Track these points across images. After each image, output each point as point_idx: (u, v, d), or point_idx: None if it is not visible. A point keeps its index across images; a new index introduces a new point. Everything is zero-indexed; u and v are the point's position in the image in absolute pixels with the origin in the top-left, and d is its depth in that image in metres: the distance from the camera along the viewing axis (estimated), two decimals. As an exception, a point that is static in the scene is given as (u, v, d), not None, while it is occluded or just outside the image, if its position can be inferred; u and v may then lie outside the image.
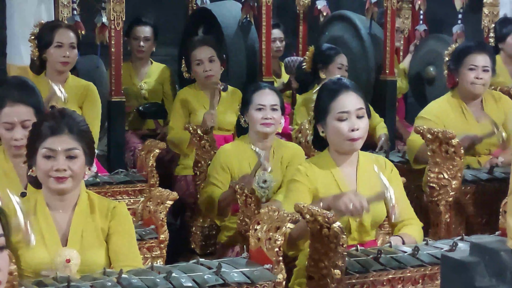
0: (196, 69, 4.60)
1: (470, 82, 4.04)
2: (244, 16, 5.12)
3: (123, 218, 2.62)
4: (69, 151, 2.53)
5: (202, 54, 4.59)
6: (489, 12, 5.33)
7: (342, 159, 3.02)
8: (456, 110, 4.09)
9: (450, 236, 3.52)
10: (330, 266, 2.60)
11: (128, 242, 2.61)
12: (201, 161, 4.10)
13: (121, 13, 4.50)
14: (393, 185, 3.02)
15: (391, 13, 5.30)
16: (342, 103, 2.95)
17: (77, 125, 2.57)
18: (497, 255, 1.74)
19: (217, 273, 2.41)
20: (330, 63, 4.92)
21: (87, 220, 2.59)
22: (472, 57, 4.04)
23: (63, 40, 4.15)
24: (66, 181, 2.53)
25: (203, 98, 4.63)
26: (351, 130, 2.93)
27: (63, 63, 4.16)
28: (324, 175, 3.00)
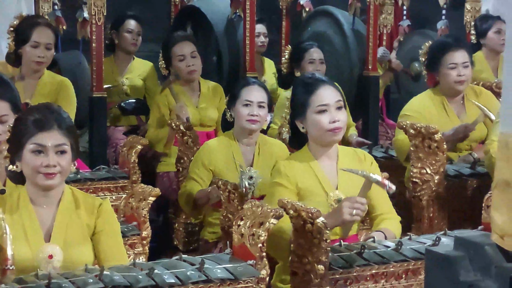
0: (178, 64, 4.56)
1: (453, 81, 4.03)
2: (234, 12, 5.10)
3: (110, 216, 2.62)
4: (59, 146, 2.52)
5: (184, 50, 4.56)
6: (471, 8, 5.35)
7: (322, 153, 3.04)
8: (438, 106, 4.10)
9: (433, 231, 3.53)
10: (313, 262, 2.60)
11: (116, 241, 2.61)
12: (183, 158, 4.07)
13: (102, 8, 4.46)
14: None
15: (373, 9, 5.30)
16: (321, 96, 2.98)
17: (64, 121, 2.56)
18: (482, 249, 1.73)
19: (200, 269, 2.39)
20: (301, 60, 4.84)
21: (72, 216, 2.57)
22: (450, 55, 4.01)
23: (40, 40, 4.10)
24: (55, 177, 2.52)
25: (184, 94, 4.60)
26: (332, 121, 2.96)
27: (37, 62, 4.12)
28: (304, 169, 3.01)
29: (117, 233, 2.64)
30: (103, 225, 2.59)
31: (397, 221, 3.09)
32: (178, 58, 4.56)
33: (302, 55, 4.84)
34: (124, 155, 3.82)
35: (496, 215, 1.77)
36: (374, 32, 5.34)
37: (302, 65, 4.83)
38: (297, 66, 4.86)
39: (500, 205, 1.77)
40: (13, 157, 2.56)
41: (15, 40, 4.16)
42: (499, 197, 1.77)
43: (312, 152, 3.05)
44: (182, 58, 4.55)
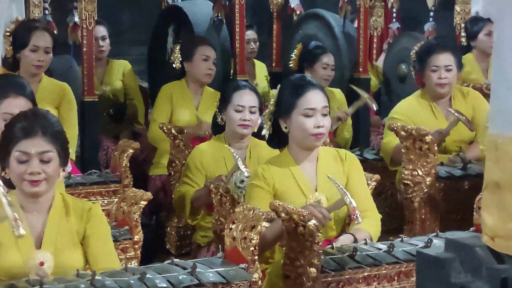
0: (200, 64, 4.60)
1: (434, 83, 4.06)
2: (215, 15, 5.10)
3: (99, 220, 2.60)
4: (43, 154, 2.49)
5: (211, 53, 4.64)
6: (461, 10, 5.37)
7: (302, 156, 3.04)
8: (425, 108, 4.11)
9: (425, 232, 3.53)
10: (305, 265, 2.60)
11: (106, 244, 2.60)
12: (175, 161, 4.07)
13: (93, 12, 4.46)
14: (353, 175, 3.04)
15: (364, 11, 5.31)
16: (309, 99, 2.99)
17: (51, 126, 2.53)
18: (472, 251, 1.74)
19: (192, 273, 2.39)
20: (316, 62, 4.99)
21: (62, 222, 2.56)
22: (434, 58, 4.05)
23: (39, 44, 4.11)
24: (41, 184, 2.50)
25: (188, 95, 4.63)
26: (316, 126, 2.97)
27: (36, 66, 4.13)
28: (283, 174, 3.02)
29: (107, 237, 2.62)
30: (92, 229, 2.57)
31: (376, 219, 3.06)
32: (203, 57, 4.60)
33: (316, 59, 4.98)
34: (116, 159, 3.81)
35: (486, 216, 1.78)
36: (365, 35, 5.35)
37: (315, 68, 4.98)
38: (309, 67, 4.98)
39: (490, 206, 1.77)
40: (3, 163, 2.55)
41: (12, 45, 4.16)
42: (489, 198, 1.78)
43: (292, 154, 3.05)
44: (206, 59, 4.61)
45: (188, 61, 4.63)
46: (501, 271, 1.69)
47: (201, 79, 4.64)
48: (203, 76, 4.63)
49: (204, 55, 4.61)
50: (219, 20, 5.12)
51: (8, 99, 3.15)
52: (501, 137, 1.73)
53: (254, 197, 2.99)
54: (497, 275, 1.67)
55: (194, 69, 4.62)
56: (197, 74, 4.63)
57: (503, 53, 1.72)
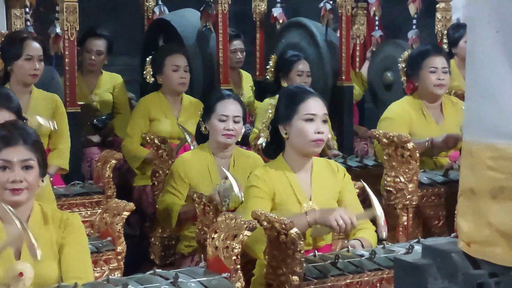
0: (171, 74, 4.59)
1: (432, 84, 4.10)
2: (203, 24, 5.12)
3: (75, 229, 2.59)
4: (25, 162, 2.51)
5: (180, 62, 4.62)
6: (442, 17, 5.41)
7: (298, 164, 3.05)
8: (417, 111, 4.15)
9: (407, 239, 3.56)
10: (288, 273, 2.61)
11: (79, 253, 2.58)
12: (159, 171, 4.07)
13: (74, 23, 4.46)
14: (347, 189, 3.07)
15: (345, 20, 5.34)
16: (311, 105, 3.02)
17: (30, 136, 2.55)
18: (449, 257, 1.75)
19: (174, 283, 2.39)
20: (291, 71, 4.99)
21: (41, 233, 2.55)
22: (431, 60, 4.10)
23: (33, 53, 4.13)
24: (22, 192, 2.50)
25: (166, 106, 4.62)
26: (316, 132, 2.98)
27: (32, 75, 4.14)
28: (280, 179, 3.03)
29: (82, 247, 2.60)
30: (67, 238, 2.56)
31: (372, 231, 3.11)
32: (172, 68, 4.59)
33: (291, 67, 4.99)
34: (99, 170, 3.81)
35: (462, 222, 1.79)
36: (347, 43, 5.38)
37: (290, 76, 4.99)
38: (284, 77, 5.00)
39: (465, 212, 1.79)
40: None
41: (3, 58, 4.15)
42: (465, 204, 1.79)
43: (288, 161, 3.06)
44: (176, 69, 4.59)
45: (160, 74, 4.63)
46: (477, 276, 1.70)
47: (175, 89, 4.62)
48: (177, 86, 4.61)
49: (174, 65, 4.59)
50: (208, 29, 5.13)
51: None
52: (475, 144, 1.75)
53: (252, 197, 2.98)
54: (473, 281, 1.69)
55: (166, 80, 4.61)
56: (171, 85, 4.61)
57: (476, 61, 1.75)
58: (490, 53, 1.68)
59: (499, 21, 1.66)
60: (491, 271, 1.71)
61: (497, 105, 1.68)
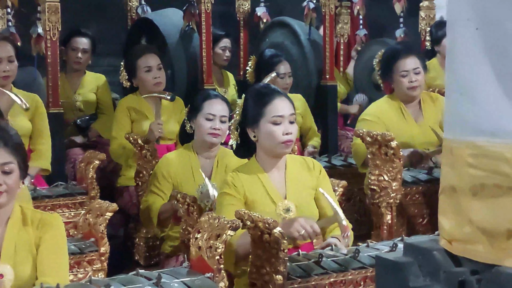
0: (144, 76, 4.55)
1: (406, 87, 4.12)
2: (186, 24, 5.10)
3: (52, 228, 2.55)
4: (5, 165, 2.47)
5: (152, 62, 4.56)
6: (426, 16, 5.42)
7: (270, 164, 3.05)
8: (395, 111, 4.16)
9: (392, 237, 3.56)
10: (272, 272, 2.60)
11: (54, 253, 2.53)
12: (142, 171, 4.05)
13: (56, 23, 4.43)
14: (323, 186, 3.06)
15: (329, 19, 5.34)
16: (277, 107, 3.00)
17: (11, 139, 2.51)
18: (430, 254, 1.75)
19: (157, 284, 2.38)
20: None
21: (20, 234, 2.53)
22: (401, 63, 4.10)
23: (1, 54, 4.09)
24: (1, 196, 2.48)
25: (146, 106, 4.59)
26: (285, 133, 2.98)
27: (3, 77, 4.11)
28: (252, 181, 3.02)
29: (59, 247, 2.55)
30: (43, 237, 2.53)
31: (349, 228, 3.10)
32: (144, 69, 4.54)
33: (272, 69, 4.93)
34: (82, 171, 3.79)
35: (443, 220, 1.79)
36: (331, 42, 5.38)
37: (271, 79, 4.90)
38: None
39: (446, 210, 1.79)
40: None
41: None
42: (446, 202, 1.80)
43: (260, 162, 3.06)
44: (148, 69, 4.55)
45: (134, 77, 4.59)
46: (459, 274, 1.71)
47: (151, 89, 4.56)
48: (153, 87, 4.54)
49: (146, 67, 4.54)
50: (191, 29, 5.12)
51: None
52: (455, 141, 1.75)
53: (225, 205, 2.98)
54: (454, 278, 1.69)
55: (142, 82, 4.56)
56: (147, 87, 4.56)
57: (455, 59, 1.75)
58: (469, 51, 1.68)
59: (478, 18, 1.66)
60: (473, 269, 1.71)
61: (476, 102, 1.69)
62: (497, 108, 1.65)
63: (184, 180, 3.66)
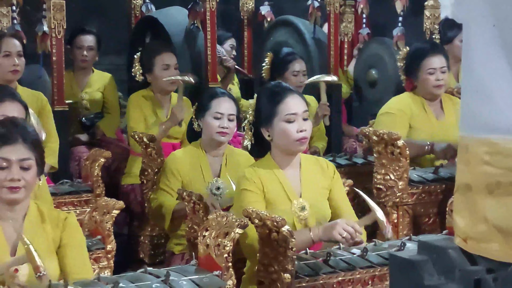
0: (161, 73, 4.54)
1: (432, 85, 4.12)
2: (191, 22, 5.10)
3: (75, 230, 2.62)
4: (23, 161, 2.51)
5: (170, 60, 4.57)
6: (431, 15, 5.40)
7: (286, 162, 3.04)
8: (418, 107, 4.18)
9: (398, 236, 3.55)
10: (279, 271, 2.60)
11: (81, 254, 2.61)
12: (147, 169, 4.04)
13: (61, 21, 4.43)
14: (337, 187, 3.06)
15: (334, 17, 5.34)
16: (290, 105, 2.99)
17: (29, 135, 2.55)
18: (445, 253, 1.74)
19: (165, 281, 2.37)
20: (286, 70, 4.96)
21: (37, 230, 2.56)
22: (429, 61, 4.11)
23: (11, 49, 4.12)
24: (19, 191, 2.51)
25: (156, 104, 4.59)
26: (299, 131, 2.96)
27: (13, 71, 4.13)
28: (269, 177, 3.01)
29: (82, 247, 2.64)
30: (68, 239, 2.58)
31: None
32: (163, 67, 4.54)
33: (286, 66, 4.95)
34: (87, 169, 3.78)
35: (458, 218, 1.78)
36: (335, 40, 5.37)
37: (285, 76, 4.94)
38: (279, 76, 4.95)
39: (461, 208, 1.78)
40: None
41: None
42: (461, 200, 1.79)
43: (276, 160, 3.05)
44: (166, 68, 4.55)
45: (149, 73, 4.58)
46: (474, 272, 1.70)
47: (165, 88, 4.57)
48: (168, 85, 4.56)
49: (164, 64, 4.54)
50: (196, 27, 5.11)
51: (4, 103, 3.17)
52: (470, 139, 1.74)
53: (245, 201, 2.95)
54: (470, 277, 1.68)
55: (156, 79, 4.56)
56: (161, 84, 4.56)
57: (471, 56, 1.74)
58: (486, 48, 1.67)
59: (495, 15, 1.65)
60: (488, 267, 1.70)
61: (492, 99, 1.68)
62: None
63: (193, 178, 3.65)
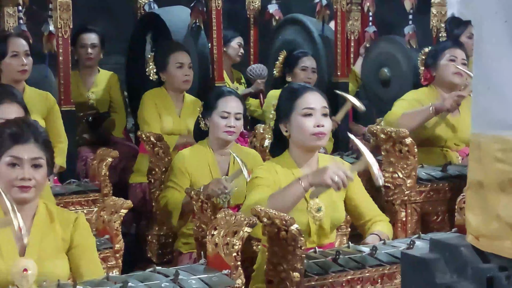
0: (175, 72, 4.55)
1: (451, 71, 4.19)
2: (193, 21, 5.09)
3: (86, 231, 2.63)
4: (35, 160, 2.52)
5: (184, 59, 4.59)
6: (437, 12, 5.39)
7: (303, 160, 3.01)
8: (432, 99, 4.20)
9: (406, 235, 3.54)
10: (288, 269, 2.59)
11: (92, 255, 2.62)
12: (155, 168, 4.03)
13: (68, 20, 4.43)
14: (356, 186, 3.04)
15: (341, 16, 5.32)
16: (307, 100, 2.98)
17: (41, 135, 2.56)
18: (457, 250, 1.73)
19: (174, 281, 2.36)
20: (296, 66, 5.02)
21: (46, 230, 2.56)
22: (452, 50, 4.23)
23: (18, 49, 4.11)
24: (30, 190, 2.51)
25: (170, 103, 4.60)
26: (316, 125, 2.94)
27: (21, 71, 4.13)
28: (286, 174, 2.98)
29: (93, 248, 2.65)
30: (79, 240, 2.59)
31: (387, 222, 3.10)
32: (177, 65, 4.56)
33: (296, 62, 5.02)
34: (95, 168, 3.78)
35: (470, 216, 1.77)
36: (342, 39, 5.37)
37: (294, 72, 5.02)
38: (289, 72, 5.04)
39: (473, 206, 1.77)
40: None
41: None
42: (473, 198, 1.77)
43: (293, 157, 3.02)
44: (180, 66, 4.56)
45: (163, 71, 4.60)
46: (487, 270, 1.68)
47: (179, 86, 4.60)
48: (181, 84, 4.59)
49: (178, 63, 4.56)
50: (197, 26, 5.10)
51: (3, 105, 3.17)
52: (483, 136, 1.73)
53: (255, 186, 2.91)
54: (482, 275, 1.67)
55: (170, 78, 4.58)
56: (175, 83, 4.59)
57: (483, 53, 1.73)
58: (498, 44, 1.66)
59: (507, 10, 1.64)
60: (501, 265, 1.69)
61: (504, 96, 1.67)
62: (525, 102, 1.63)
63: (201, 177, 3.64)
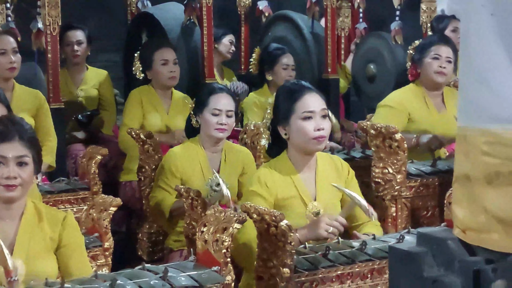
0: (160, 69, 4.54)
1: (433, 71, 4.13)
2: (187, 18, 5.09)
3: (74, 230, 2.61)
4: (20, 158, 2.49)
5: (169, 55, 4.57)
6: (427, 8, 5.40)
7: (302, 162, 2.99)
8: (418, 99, 4.18)
9: (396, 230, 3.54)
10: (278, 265, 2.58)
11: (81, 254, 2.61)
12: (145, 166, 4.02)
13: (56, 17, 4.41)
14: (351, 187, 3.03)
15: (331, 12, 5.32)
16: (307, 103, 2.94)
17: (26, 132, 2.54)
18: (444, 244, 1.73)
19: (163, 278, 2.36)
20: (276, 64, 5.00)
21: (35, 230, 2.54)
22: (436, 48, 4.15)
23: (6, 46, 4.10)
24: (16, 189, 2.49)
25: (157, 100, 4.58)
26: (316, 129, 2.91)
27: (10, 69, 4.12)
28: (284, 180, 2.97)
29: (82, 247, 2.64)
30: (68, 239, 2.57)
31: (378, 225, 3.10)
32: (161, 62, 4.55)
33: (276, 60, 5.00)
34: (84, 166, 3.76)
35: (457, 209, 1.77)
36: (332, 35, 5.37)
37: (275, 70, 5.02)
38: (269, 70, 5.03)
39: (460, 199, 1.77)
40: None
41: None
42: (460, 191, 1.77)
43: (292, 160, 2.99)
44: (164, 63, 4.55)
45: (149, 69, 4.58)
46: (474, 263, 1.68)
47: (165, 83, 4.58)
48: (167, 81, 4.57)
49: (163, 60, 4.55)
50: (192, 23, 5.10)
51: None
52: (469, 129, 1.73)
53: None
54: (469, 268, 1.67)
55: (156, 75, 4.57)
56: (160, 80, 4.57)
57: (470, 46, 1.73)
58: (484, 37, 1.66)
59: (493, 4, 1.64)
60: (488, 258, 1.69)
61: (491, 89, 1.67)
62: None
63: (193, 175, 3.63)
